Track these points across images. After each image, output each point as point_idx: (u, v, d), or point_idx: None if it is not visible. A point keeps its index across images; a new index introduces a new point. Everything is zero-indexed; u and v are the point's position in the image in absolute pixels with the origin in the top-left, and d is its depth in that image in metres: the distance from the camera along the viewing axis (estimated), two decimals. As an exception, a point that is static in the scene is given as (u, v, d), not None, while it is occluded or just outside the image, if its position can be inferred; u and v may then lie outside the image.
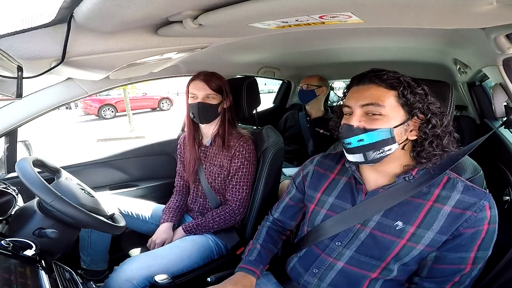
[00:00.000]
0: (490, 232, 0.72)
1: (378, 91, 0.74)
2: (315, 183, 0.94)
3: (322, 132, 2.12)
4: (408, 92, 0.73)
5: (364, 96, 0.75)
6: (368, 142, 0.74)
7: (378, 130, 0.73)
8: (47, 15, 0.64)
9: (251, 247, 0.99)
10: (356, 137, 0.75)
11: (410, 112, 0.74)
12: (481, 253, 0.73)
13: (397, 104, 0.74)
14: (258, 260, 0.94)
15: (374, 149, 0.74)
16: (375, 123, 0.73)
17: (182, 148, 1.48)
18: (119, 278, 1.06)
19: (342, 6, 0.58)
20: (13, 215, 0.98)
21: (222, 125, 1.35)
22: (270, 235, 1.02)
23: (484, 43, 0.91)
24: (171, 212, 1.40)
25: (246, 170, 1.31)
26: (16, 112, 1.27)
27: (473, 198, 0.73)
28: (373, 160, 0.75)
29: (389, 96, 0.74)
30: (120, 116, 11.93)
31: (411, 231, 0.75)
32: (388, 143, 0.73)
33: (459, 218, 0.72)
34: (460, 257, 0.74)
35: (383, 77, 0.74)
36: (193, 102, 1.30)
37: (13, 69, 0.65)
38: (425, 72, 1.77)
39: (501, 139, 1.45)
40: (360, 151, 0.75)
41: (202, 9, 0.66)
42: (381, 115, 0.73)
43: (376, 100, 0.73)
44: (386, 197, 0.78)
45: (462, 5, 0.53)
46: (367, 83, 0.76)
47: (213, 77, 1.31)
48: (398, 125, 0.73)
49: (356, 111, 0.75)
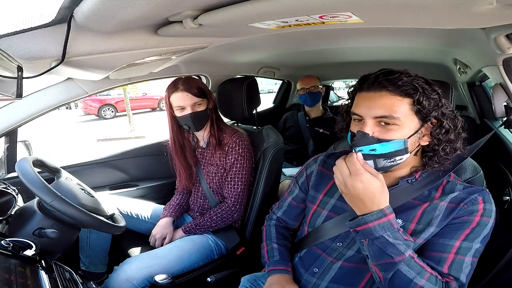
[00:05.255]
0: (481, 224, 0.70)
1: (391, 100, 0.69)
2: (318, 184, 0.93)
3: (322, 132, 2.12)
4: (423, 99, 0.69)
5: (377, 106, 0.70)
6: (381, 153, 0.70)
7: (392, 141, 0.69)
8: (47, 15, 0.64)
9: (267, 248, 0.98)
10: (369, 146, 0.70)
11: (424, 118, 0.70)
12: (466, 243, 0.69)
13: (411, 112, 0.70)
14: (282, 258, 0.94)
15: (385, 158, 0.71)
16: (389, 133, 0.70)
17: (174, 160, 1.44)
18: (119, 278, 1.06)
19: (342, 6, 0.58)
20: (13, 215, 0.97)
21: (212, 125, 1.34)
22: (280, 232, 1.02)
23: (484, 43, 0.91)
24: (171, 208, 1.41)
25: (241, 166, 1.30)
26: (16, 112, 1.27)
27: (468, 194, 0.73)
28: (383, 168, 0.72)
29: (403, 104, 0.69)
30: (120, 116, 11.93)
31: (411, 228, 0.75)
32: (401, 153, 0.70)
33: (453, 211, 0.72)
34: (442, 244, 0.71)
35: (397, 83, 0.69)
36: (183, 114, 1.26)
37: (13, 69, 0.65)
38: (425, 72, 1.75)
39: (501, 139, 1.45)
40: (370, 158, 0.72)
41: (202, 9, 0.66)
42: (396, 125, 0.70)
43: (390, 112, 0.69)
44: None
45: (462, 5, 0.53)
46: (379, 90, 0.71)
47: (191, 82, 1.28)
48: (412, 134, 0.70)
49: (369, 121, 0.71)
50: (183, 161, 1.40)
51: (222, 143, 1.33)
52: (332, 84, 3.74)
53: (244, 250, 1.32)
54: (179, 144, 1.38)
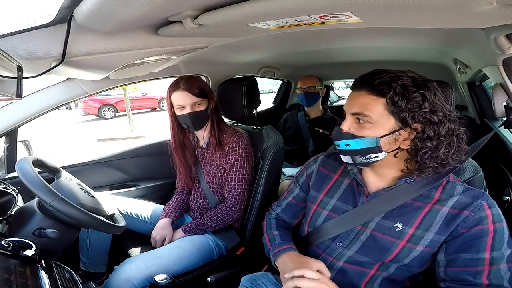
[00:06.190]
0: (498, 231, 0.69)
1: (367, 99, 0.72)
2: (318, 184, 0.93)
3: (322, 132, 2.12)
4: (399, 99, 0.68)
5: (354, 104, 0.75)
6: (354, 148, 0.75)
7: (364, 138, 0.73)
8: (47, 15, 0.64)
9: (269, 237, 0.97)
10: (343, 141, 0.76)
11: (402, 120, 0.70)
12: (496, 253, 0.68)
13: (386, 112, 0.71)
14: (284, 239, 0.93)
15: (360, 155, 0.75)
16: (362, 131, 0.73)
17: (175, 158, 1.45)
18: (119, 278, 1.06)
19: (342, 6, 0.58)
20: (13, 215, 0.97)
21: (213, 125, 1.34)
22: (280, 224, 1.02)
23: (484, 43, 0.91)
24: (170, 209, 1.41)
25: (241, 166, 1.30)
26: (16, 112, 1.27)
27: (469, 198, 0.73)
28: (361, 164, 0.77)
29: (378, 104, 0.71)
30: (120, 116, 11.93)
31: (410, 233, 0.75)
32: (373, 151, 0.73)
33: (456, 218, 0.72)
34: (472, 259, 0.69)
35: (373, 83, 0.71)
36: (182, 114, 1.27)
37: (13, 69, 0.65)
38: (425, 72, 1.75)
39: (501, 139, 1.45)
40: (348, 154, 0.77)
41: (202, 9, 0.66)
42: (369, 123, 0.72)
43: (362, 110, 0.72)
44: (387, 199, 0.78)
45: (462, 5, 0.53)
46: (359, 89, 0.75)
47: (193, 82, 1.28)
48: (386, 135, 0.71)
49: (348, 117, 0.76)
50: (182, 159, 1.40)
51: (222, 143, 1.33)
52: (332, 84, 3.75)
53: (244, 250, 1.32)
54: (179, 143, 1.39)
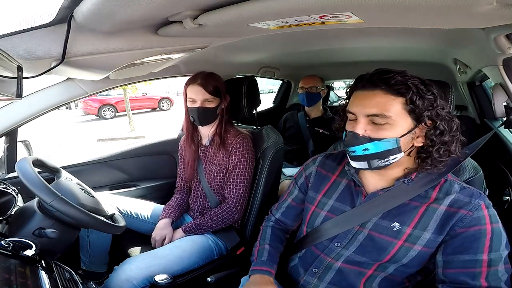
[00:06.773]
0: (496, 232, 0.69)
1: (384, 98, 0.70)
2: (316, 185, 0.93)
3: (322, 132, 2.11)
4: (416, 99, 0.69)
5: (370, 105, 0.71)
6: (374, 152, 0.71)
7: (384, 140, 0.70)
8: (47, 15, 0.64)
9: (259, 248, 0.97)
10: (361, 146, 0.72)
11: (418, 119, 0.70)
12: (494, 254, 0.68)
13: (403, 112, 0.70)
14: (270, 259, 0.92)
15: (379, 158, 0.72)
16: (381, 132, 0.70)
17: (183, 149, 1.49)
18: (119, 278, 1.06)
19: (342, 6, 0.58)
20: (13, 215, 0.97)
21: (220, 125, 1.35)
22: (276, 234, 1.01)
23: (484, 43, 0.91)
24: (170, 209, 1.41)
25: (243, 167, 1.31)
26: (16, 112, 1.27)
27: (467, 197, 0.73)
28: (377, 168, 0.74)
29: (396, 103, 0.70)
30: (120, 116, 11.92)
31: (407, 232, 0.75)
32: (394, 152, 0.71)
33: (453, 216, 0.72)
34: (470, 260, 0.69)
35: (390, 82, 0.69)
36: (192, 106, 1.30)
37: (13, 69, 0.65)
38: (425, 72, 1.75)
39: (501, 139, 1.45)
40: (364, 159, 0.73)
41: (202, 9, 0.66)
42: (387, 124, 0.70)
43: (381, 111, 0.69)
44: (385, 200, 0.78)
45: (462, 5, 0.53)
46: (372, 88, 0.72)
47: (210, 79, 1.30)
48: (405, 134, 0.71)
49: (361, 119, 0.72)
50: (189, 148, 1.42)
51: (225, 143, 1.33)
52: (332, 84, 3.74)
53: (244, 250, 1.32)
54: (189, 133, 1.41)
